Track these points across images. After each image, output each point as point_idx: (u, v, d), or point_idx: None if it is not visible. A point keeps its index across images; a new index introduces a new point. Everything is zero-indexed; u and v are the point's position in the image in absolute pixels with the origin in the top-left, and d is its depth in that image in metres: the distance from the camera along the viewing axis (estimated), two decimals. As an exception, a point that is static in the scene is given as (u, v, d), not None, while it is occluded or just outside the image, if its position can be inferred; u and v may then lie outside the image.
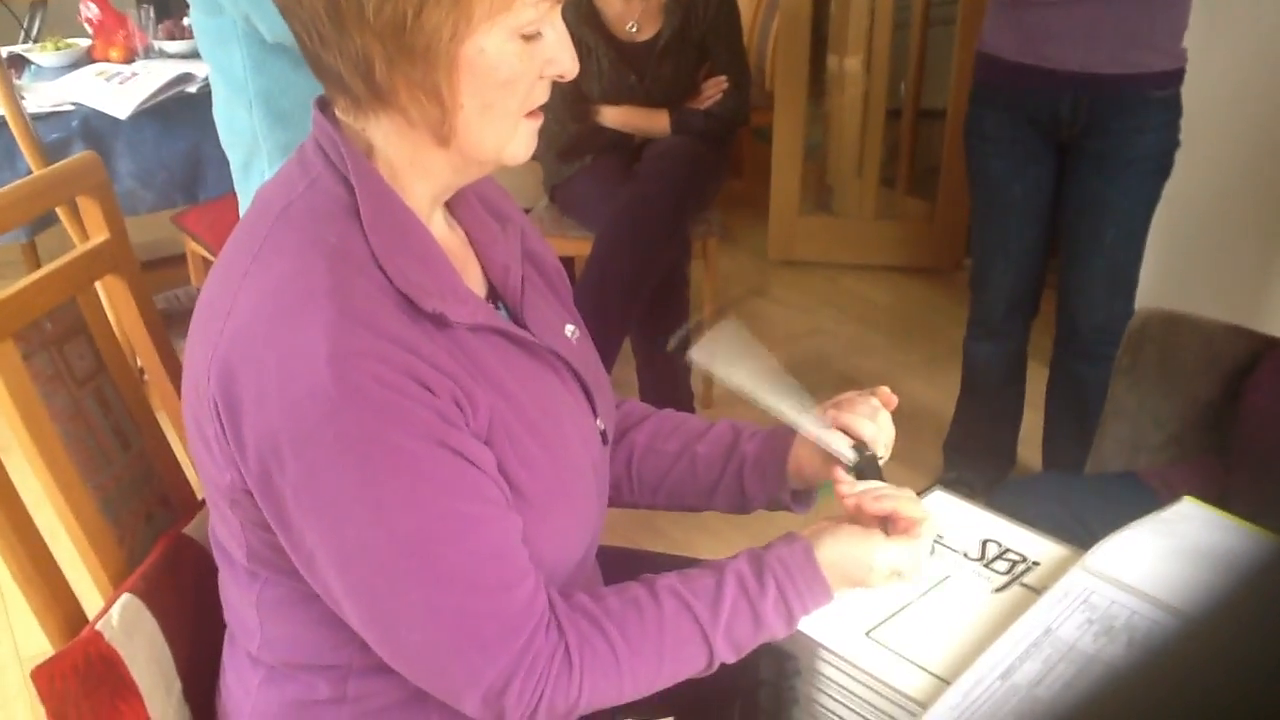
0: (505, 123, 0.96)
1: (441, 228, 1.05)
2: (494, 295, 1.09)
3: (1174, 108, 2.15)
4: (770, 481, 1.21)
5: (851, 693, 1.01)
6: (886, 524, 1.06)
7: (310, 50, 0.93)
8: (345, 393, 0.86)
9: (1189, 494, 1.22)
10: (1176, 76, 2.13)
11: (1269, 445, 1.59)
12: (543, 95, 0.98)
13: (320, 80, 0.97)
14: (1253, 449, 1.62)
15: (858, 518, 1.07)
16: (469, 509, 0.92)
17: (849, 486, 1.08)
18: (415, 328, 0.91)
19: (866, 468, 1.10)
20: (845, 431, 1.12)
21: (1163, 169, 2.18)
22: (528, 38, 0.92)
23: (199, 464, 1.00)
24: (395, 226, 0.95)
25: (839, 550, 1.03)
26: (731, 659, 1.02)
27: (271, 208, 0.96)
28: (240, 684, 1.09)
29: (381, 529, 0.89)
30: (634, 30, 2.81)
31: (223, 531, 1.03)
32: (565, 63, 0.96)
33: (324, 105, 0.99)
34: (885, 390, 1.16)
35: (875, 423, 1.13)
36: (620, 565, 1.23)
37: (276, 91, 1.78)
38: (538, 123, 0.99)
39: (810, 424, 1.11)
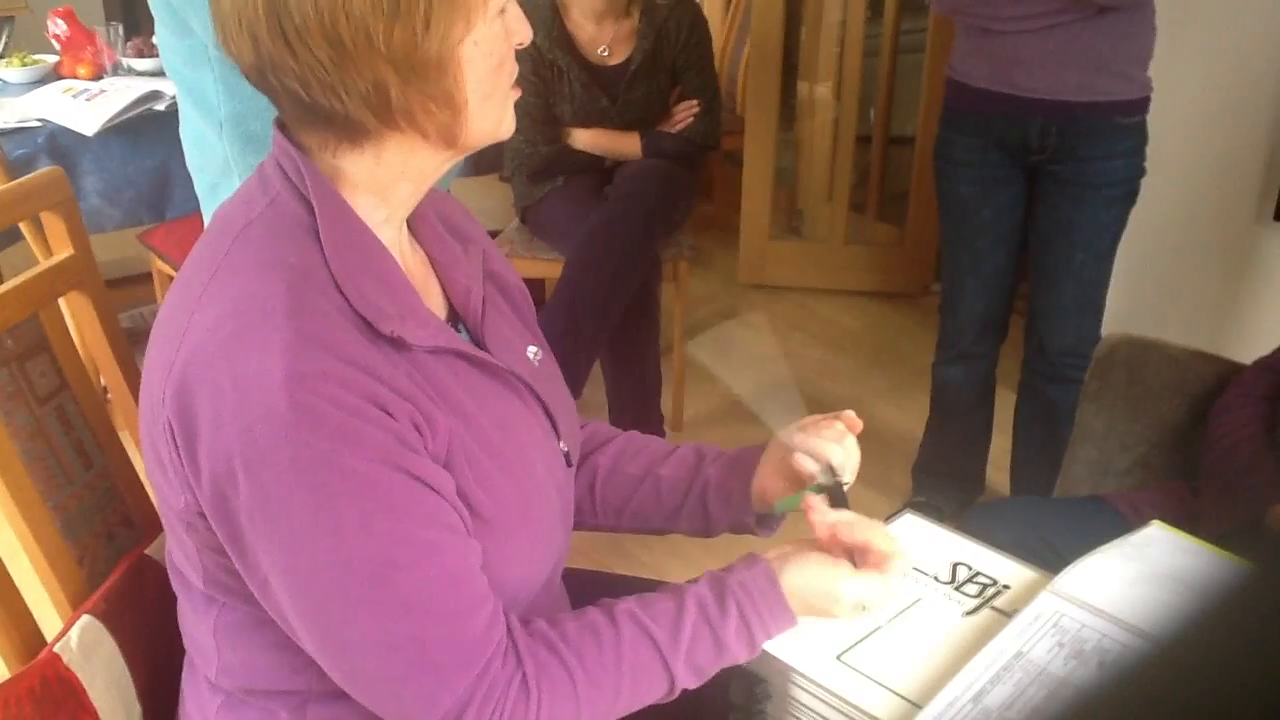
0: (499, 104, 0.97)
1: (403, 248, 1.04)
2: (455, 317, 1.08)
3: (1140, 135, 2.17)
4: (734, 505, 1.20)
5: (823, 717, 1.00)
6: (855, 554, 1.04)
7: (305, 101, 0.90)
8: (301, 416, 0.85)
9: (1157, 518, 1.22)
10: (1142, 104, 2.16)
11: (1235, 469, 1.60)
12: (516, 67, 0.99)
13: (313, 131, 0.94)
14: (1219, 473, 1.63)
15: (826, 546, 1.06)
16: (426, 534, 0.91)
17: (820, 515, 1.06)
18: (374, 350, 0.90)
19: (832, 496, 1.09)
20: (811, 455, 1.12)
21: (1129, 195, 2.21)
22: (501, 14, 0.94)
23: (155, 486, 0.98)
24: (355, 247, 0.94)
25: (803, 579, 1.02)
26: (693, 684, 1.00)
27: (231, 226, 0.95)
28: (199, 710, 1.07)
29: (336, 554, 0.88)
30: (606, 54, 2.81)
31: (179, 556, 1.02)
32: (522, 30, 0.97)
33: (283, 125, 0.98)
34: (850, 414, 1.16)
35: (842, 447, 1.12)
36: (588, 588, 1.22)
37: (248, 114, 1.76)
38: (518, 93, 1.00)
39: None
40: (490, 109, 0.96)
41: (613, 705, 0.98)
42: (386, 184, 0.97)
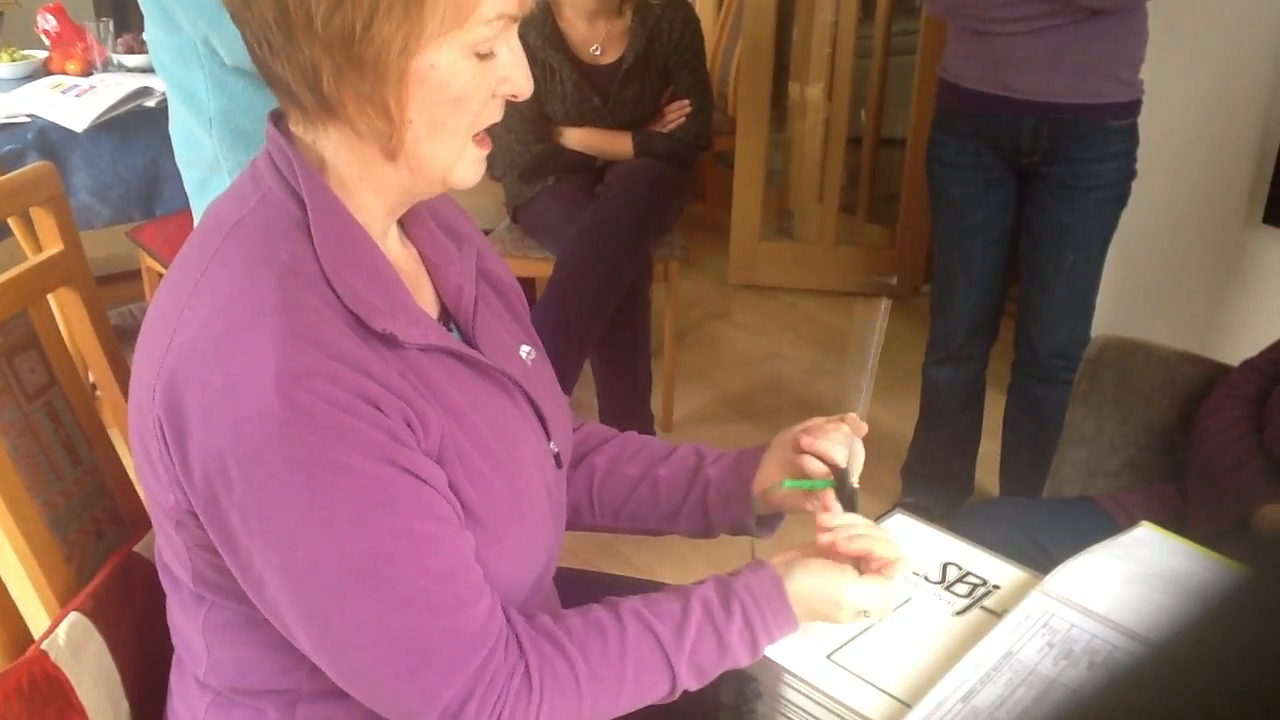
0: (454, 141, 0.94)
1: (395, 246, 1.03)
2: (447, 316, 1.08)
3: (1131, 137, 2.18)
4: (734, 507, 1.20)
5: (813, 716, 1.00)
6: (859, 561, 1.05)
7: (260, 58, 0.92)
8: (294, 413, 0.85)
9: (1145, 519, 1.22)
10: (1134, 107, 2.16)
11: (1222, 470, 1.61)
12: (495, 114, 0.96)
13: (271, 89, 0.95)
14: (1206, 474, 1.64)
15: (828, 552, 1.06)
16: (422, 528, 0.90)
17: (829, 518, 1.07)
18: (365, 347, 0.90)
19: (843, 497, 1.10)
20: (820, 458, 1.12)
21: (1120, 197, 2.21)
22: (482, 56, 0.91)
23: (144, 483, 0.97)
24: (347, 244, 0.94)
25: (809, 584, 1.02)
26: (695, 686, 1.01)
27: (222, 222, 0.95)
28: (187, 709, 1.07)
29: (332, 550, 0.87)
30: (598, 53, 2.81)
31: (168, 554, 1.01)
32: (520, 82, 0.95)
33: (278, 119, 0.98)
34: (854, 417, 1.16)
35: (849, 449, 1.13)
36: (579, 588, 1.22)
37: (237, 111, 1.75)
38: (486, 150, 0.97)
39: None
40: (441, 142, 0.93)
41: (614, 701, 0.98)
42: (352, 186, 0.96)
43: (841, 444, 1.12)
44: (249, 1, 0.88)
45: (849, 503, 1.09)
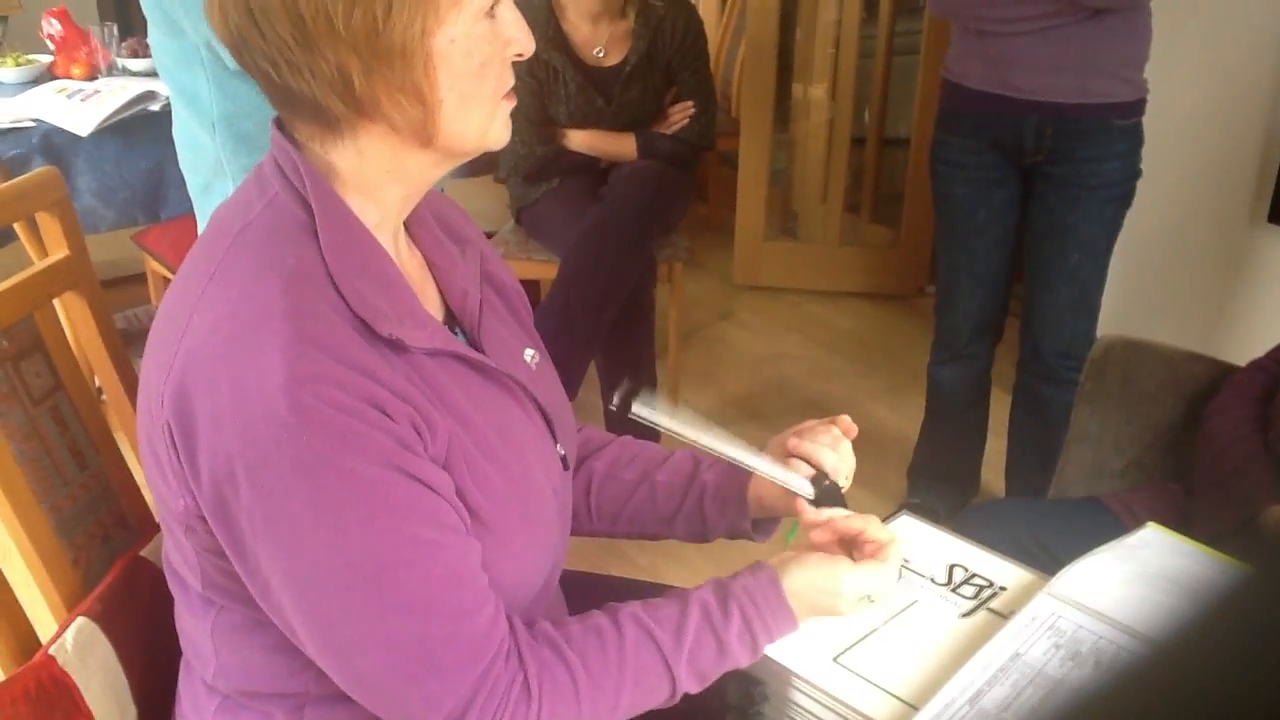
0: (485, 109, 0.95)
1: (400, 250, 1.03)
2: (452, 320, 1.08)
3: (1136, 137, 2.18)
4: (730, 510, 1.20)
5: (819, 718, 1.00)
6: (852, 550, 1.05)
7: (276, 83, 0.91)
8: (301, 418, 0.85)
9: (1151, 519, 1.22)
10: (1138, 106, 2.16)
11: (1228, 471, 1.61)
12: (511, 78, 0.98)
13: (287, 112, 0.95)
14: (1212, 474, 1.63)
15: (824, 546, 1.07)
16: (427, 535, 0.90)
17: (814, 514, 1.08)
18: (373, 352, 0.90)
19: (828, 497, 1.10)
20: (806, 460, 1.12)
21: (1125, 196, 2.21)
22: (490, 16, 0.93)
23: (153, 488, 0.98)
24: (353, 248, 0.94)
25: (806, 579, 1.02)
26: (695, 689, 1.01)
27: (229, 227, 0.95)
28: (196, 713, 1.07)
29: (338, 555, 0.88)
30: (601, 55, 2.81)
31: (177, 557, 1.01)
32: (523, 41, 0.96)
33: (282, 125, 0.98)
34: (846, 419, 1.16)
35: (836, 452, 1.13)
36: (585, 591, 1.22)
37: (240, 115, 1.76)
38: (513, 104, 0.99)
39: (764, 464, 1.11)
40: (471, 112, 0.94)
41: (615, 707, 0.98)
42: (374, 183, 0.96)
43: (829, 446, 1.13)
44: (259, 27, 0.87)
45: (836, 500, 1.09)
